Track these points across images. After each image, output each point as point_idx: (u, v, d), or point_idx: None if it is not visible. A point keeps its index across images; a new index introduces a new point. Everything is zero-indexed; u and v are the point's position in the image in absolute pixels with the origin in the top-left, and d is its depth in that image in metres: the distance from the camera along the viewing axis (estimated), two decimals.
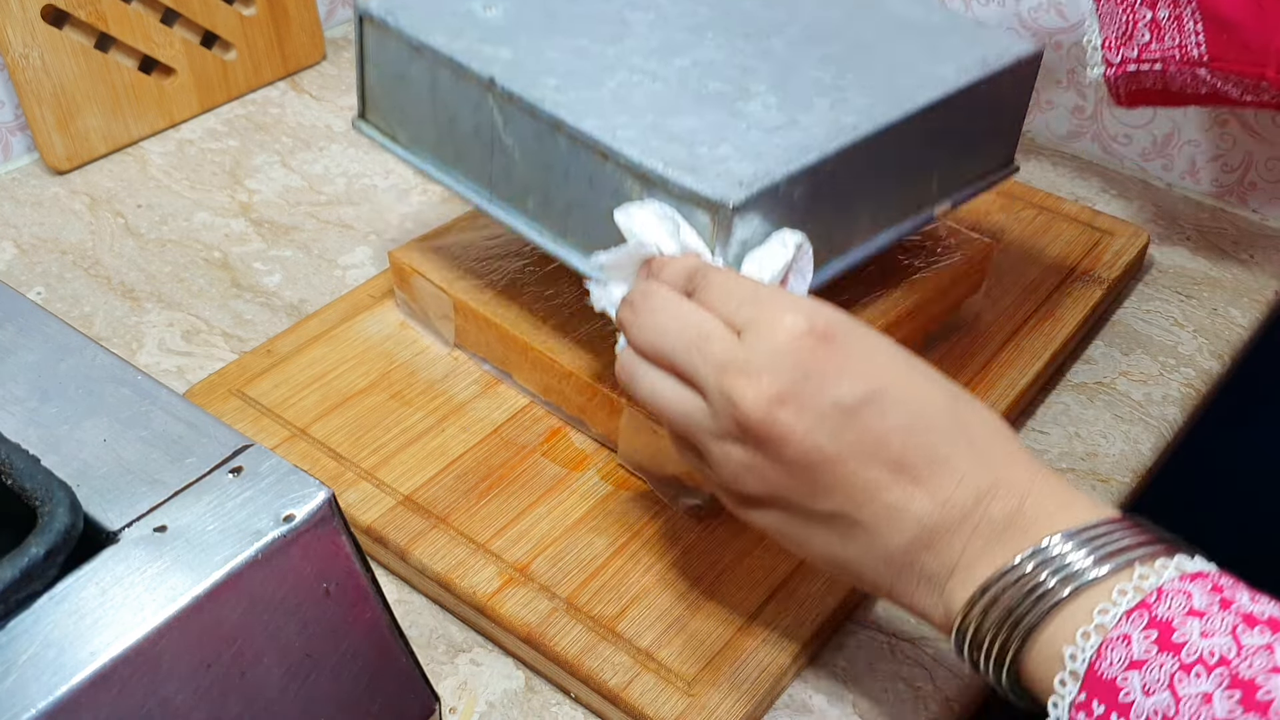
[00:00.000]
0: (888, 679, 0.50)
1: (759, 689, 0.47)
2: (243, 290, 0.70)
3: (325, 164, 0.81)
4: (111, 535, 0.33)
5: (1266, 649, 0.33)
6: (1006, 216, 0.73)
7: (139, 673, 0.30)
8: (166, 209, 0.77)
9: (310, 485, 0.34)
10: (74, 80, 0.78)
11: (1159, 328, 0.68)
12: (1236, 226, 0.77)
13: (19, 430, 0.36)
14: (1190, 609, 0.35)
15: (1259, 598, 0.35)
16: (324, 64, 0.92)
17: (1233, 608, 0.35)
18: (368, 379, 0.61)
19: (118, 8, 0.78)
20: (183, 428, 0.36)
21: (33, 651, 0.30)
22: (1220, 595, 0.35)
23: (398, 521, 0.53)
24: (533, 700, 0.50)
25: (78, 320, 0.68)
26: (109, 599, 0.31)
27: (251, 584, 0.33)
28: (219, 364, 0.65)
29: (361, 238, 0.75)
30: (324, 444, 0.57)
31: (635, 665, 0.48)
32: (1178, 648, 0.34)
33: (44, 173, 0.80)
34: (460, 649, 0.52)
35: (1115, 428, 0.62)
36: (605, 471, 0.56)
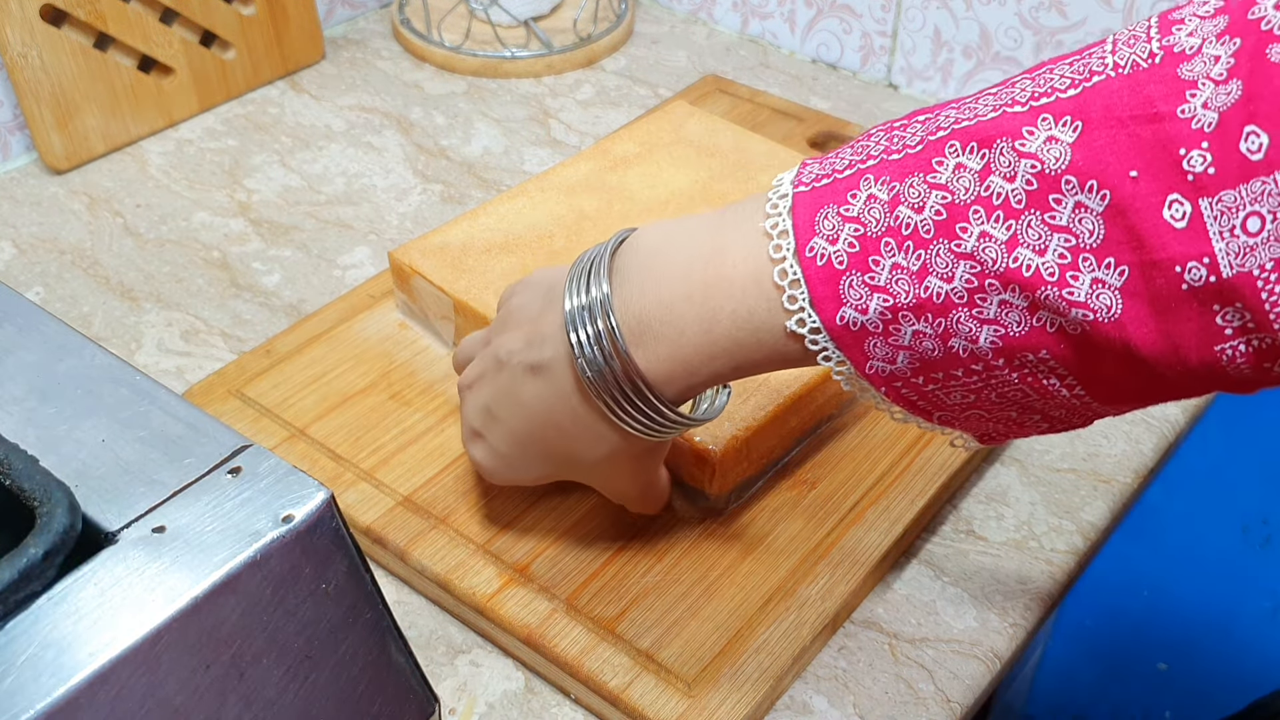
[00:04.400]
0: (888, 679, 0.50)
1: (759, 690, 0.47)
2: (241, 290, 0.70)
3: (324, 164, 0.81)
4: (110, 536, 0.33)
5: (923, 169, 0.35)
6: None
7: (138, 673, 0.30)
8: (165, 209, 0.77)
9: (309, 486, 0.34)
10: (73, 80, 0.77)
11: None
12: None
13: (17, 430, 0.36)
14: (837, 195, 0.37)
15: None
16: (323, 63, 0.92)
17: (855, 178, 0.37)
18: (367, 379, 0.61)
19: (116, 7, 0.78)
20: (181, 428, 0.36)
21: (31, 652, 0.30)
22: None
23: (397, 522, 0.53)
24: (532, 702, 0.50)
25: (76, 320, 0.68)
26: (108, 600, 0.31)
27: (251, 584, 0.32)
28: (218, 364, 0.65)
29: (361, 237, 0.75)
30: (323, 444, 0.57)
31: (635, 666, 0.48)
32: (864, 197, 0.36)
33: (43, 172, 0.80)
34: (460, 650, 0.51)
35: (1116, 428, 0.62)
36: None
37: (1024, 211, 0.33)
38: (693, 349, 0.40)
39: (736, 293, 0.38)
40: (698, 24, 0.98)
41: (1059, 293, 0.33)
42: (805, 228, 0.37)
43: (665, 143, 0.71)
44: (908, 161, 0.35)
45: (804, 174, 0.38)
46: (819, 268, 0.36)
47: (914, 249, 0.35)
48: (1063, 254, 0.33)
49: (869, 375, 0.37)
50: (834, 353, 0.37)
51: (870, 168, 0.36)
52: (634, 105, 0.88)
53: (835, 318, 0.36)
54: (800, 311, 0.37)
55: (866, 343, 0.36)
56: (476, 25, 0.93)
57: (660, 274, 0.40)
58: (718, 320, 0.39)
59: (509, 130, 0.85)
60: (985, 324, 0.34)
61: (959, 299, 0.34)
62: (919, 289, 0.35)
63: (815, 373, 0.55)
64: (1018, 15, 0.81)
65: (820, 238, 0.36)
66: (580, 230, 0.64)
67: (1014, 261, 0.33)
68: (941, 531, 0.57)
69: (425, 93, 0.89)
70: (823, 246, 0.36)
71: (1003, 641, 0.52)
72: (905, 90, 0.90)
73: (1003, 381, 0.36)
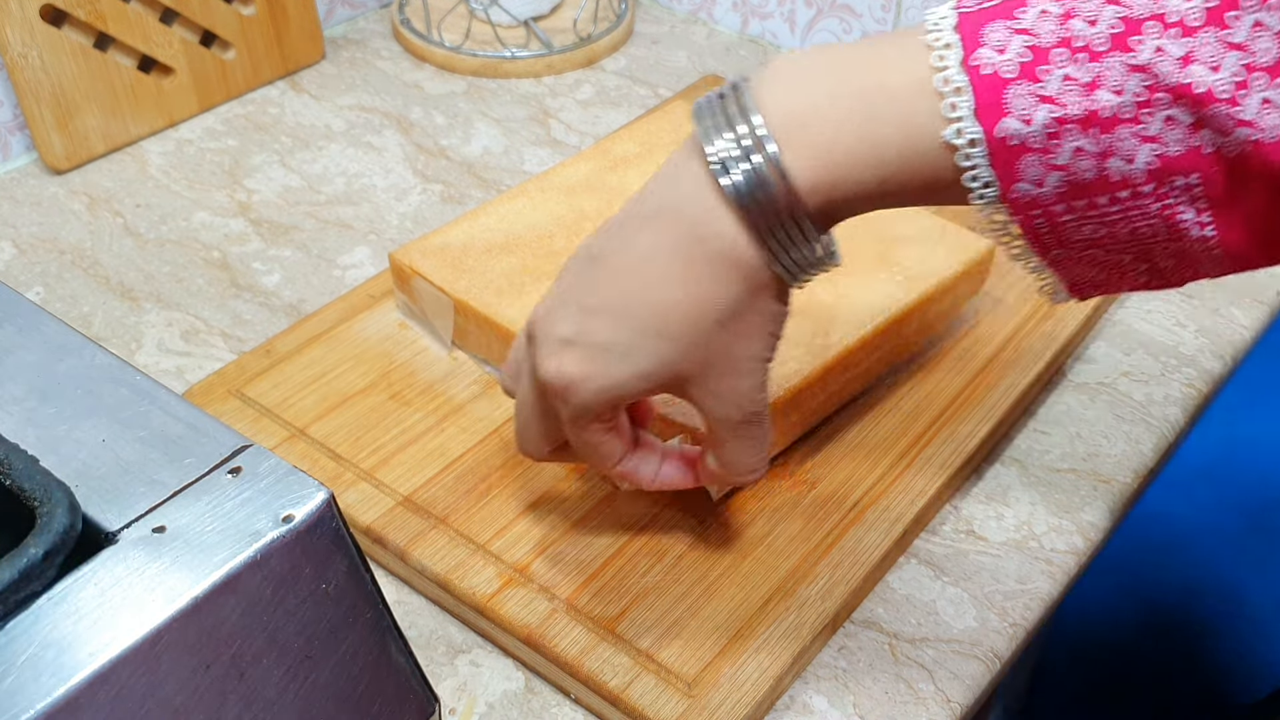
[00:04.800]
0: (888, 679, 0.50)
1: (759, 690, 0.47)
2: (241, 290, 0.70)
3: (324, 164, 0.81)
4: (110, 536, 0.33)
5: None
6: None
7: (138, 673, 0.30)
8: (165, 209, 0.77)
9: (309, 486, 0.34)
10: (73, 80, 0.78)
11: (1161, 328, 0.68)
12: None
13: (17, 430, 0.36)
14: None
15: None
16: (323, 64, 0.92)
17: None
18: (367, 379, 0.61)
19: (117, 7, 0.78)
20: (181, 428, 0.36)
21: (31, 652, 0.30)
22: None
23: (397, 522, 0.53)
24: (532, 701, 0.50)
25: (76, 320, 0.68)
26: (108, 600, 0.31)
27: (251, 584, 0.32)
28: (218, 364, 0.65)
29: (361, 238, 0.75)
30: (323, 444, 0.57)
31: (635, 666, 0.48)
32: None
33: (43, 172, 0.80)
34: (460, 650, 0.51)
35: (1117, 428, 0.62)
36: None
37: (1201, 29, 0.34)
38: (843, 151, 0.38)
39: (896, 98, 0.37)
40: (698, 24, 0.98)
41: (1227, 110, 0.34)
42: (972, 39, 0.36)
43: (665, 143, 0.71)
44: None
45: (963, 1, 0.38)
46: (985, 76, 0.36)
47: (1087, 60, 0.35)
48: (1236, 71, 0.33)
49: (1011, 199, 0.37)
50: (984, 170, 0.37)
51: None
52: (634, 105, 0.88)
53: (996, 128, 0.36)
54: (960, 121, 0.36)
55: (1022, 159, 0.36)
56: (476, 25, 0.93)
57: (813, 75, 0.39)
58: (873, 121, 0.38)
59: (509, 130, 0.85)
60: (1146, 141, 0.35)
61: (1125, 114, 0.35)
62: (1088, 100, 0.35)
63: (814, 368, 0.55)
64: None
65: (988, 48, 0.36)
66: (580, 230, 0.64)
67: (1186, 77, 0.34)
68: (941, 531, 0.57)
69: (425, 93, 0.89)
70: (989, 56, 0.36)
71: (1002, 641, 0.52)
72: None
73: (1142, 213, 0.36)
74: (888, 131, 0.38)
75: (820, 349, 0.56)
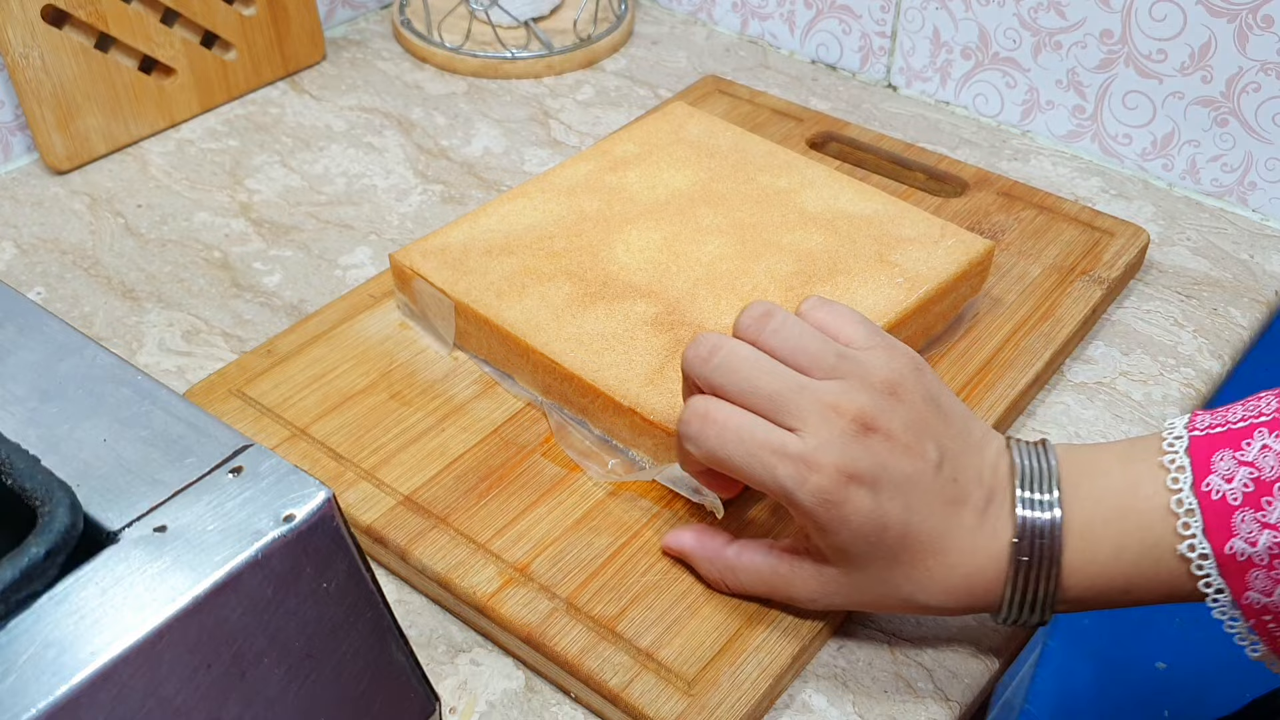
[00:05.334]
0: (888, 679, 0.50)
1: (759, 689, 0.47)
2: (243, 290, 0.70)
3: (325, 164, 0.81)
4: (111, 535, 0.33)
5: None
6: (1006, 216, 0.73)
7: (139, 673, 0.30)
8: (166, 209, 0.77)
9: (310, 485, 0.34)
10: (74, 80, 0.78)
11: (1159, 328, 0.68)
12: (1236, 226, 0.77)
13: (19, 430, 0.36)
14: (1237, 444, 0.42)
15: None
16: (324, 64, 0.92)
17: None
18: (368, 379, 0.61)
19: (118, 8, 0.78)
20: (183, 428, 0.36)
21: (33, 652, 0.30)
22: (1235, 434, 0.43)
23: (398, 521, 0.53)
24: (533, 700, 0.50)
25: (78, 320, 0.68)
26: (109, 599, 0.31)
27: (252, 584, 0.33)
28: (219, 364, 0.65)
29: (361, 238, 0.75)
30: (324, 444, 0.57)
31: (635, 665, 0.48)
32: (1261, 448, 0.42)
33: (44, 173, 0.80)
34: (460, 649, 0.52)
35: (1115, 428, 0.62)
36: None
37: None
38: (1098, 568, 0.44)
39: (1144, 521, 0.43)
40: (697, 25, 0.98)
41: None
42: (1202, 465, 0.42)
43: (665, 143, 0.71)
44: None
45: (1196, 422, 0.44)
46: (1214, 501, 0.42)
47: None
48: None
49: (1244, 605, 0.42)
50: (1216, 579, 0.42)
51: (1264, 423, 0.42)
52: (634, 106, 0.88)
53: (1225, 547, 0.41)
54: (1192, 538, 0.42)
55: (1250, 574, 0.41)
56: (477, 26, 0.93)
57: (1084, 497, 0.44)
58: (1125, 545, 0.44)
59: (509, 131, 0.85)
60: None
61: None
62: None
63: None
64: (1016, 16, 0.81)
65: (1217, 475, 0.42)
66: (580, 231, 0.64)
67: None
68: None
69: (426, 93, 0.89)
70: (1218, 484, 0.42)
71: (1001, 640, 0.52)
72: (904, 91, 0.90)
73: None
74: (1138, 552, 0.43)
75: None
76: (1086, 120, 0.82)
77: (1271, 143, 0.75)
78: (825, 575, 0.47)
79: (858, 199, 0.66)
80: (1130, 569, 0.43)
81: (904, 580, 0.45)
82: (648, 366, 0.56)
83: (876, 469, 0.43)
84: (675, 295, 0.60)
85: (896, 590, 0.45)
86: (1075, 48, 0.80)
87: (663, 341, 0.57)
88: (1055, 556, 0.44)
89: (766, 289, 0.60)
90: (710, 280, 0.61)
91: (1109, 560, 0.44)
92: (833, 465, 0.43)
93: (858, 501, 0.43)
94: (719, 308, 0.59)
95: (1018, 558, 0.44)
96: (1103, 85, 0.80)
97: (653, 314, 0.59)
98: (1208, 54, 0.75)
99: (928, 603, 0.46)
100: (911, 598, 0.45)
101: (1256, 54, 0.73)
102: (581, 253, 0.62)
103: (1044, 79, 0.82)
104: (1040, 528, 0.44)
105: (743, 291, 0.60)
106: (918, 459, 0.44)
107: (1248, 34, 0.73)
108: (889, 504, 0.43)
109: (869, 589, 0.46)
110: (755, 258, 0.62)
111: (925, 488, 0.44)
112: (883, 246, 0.63)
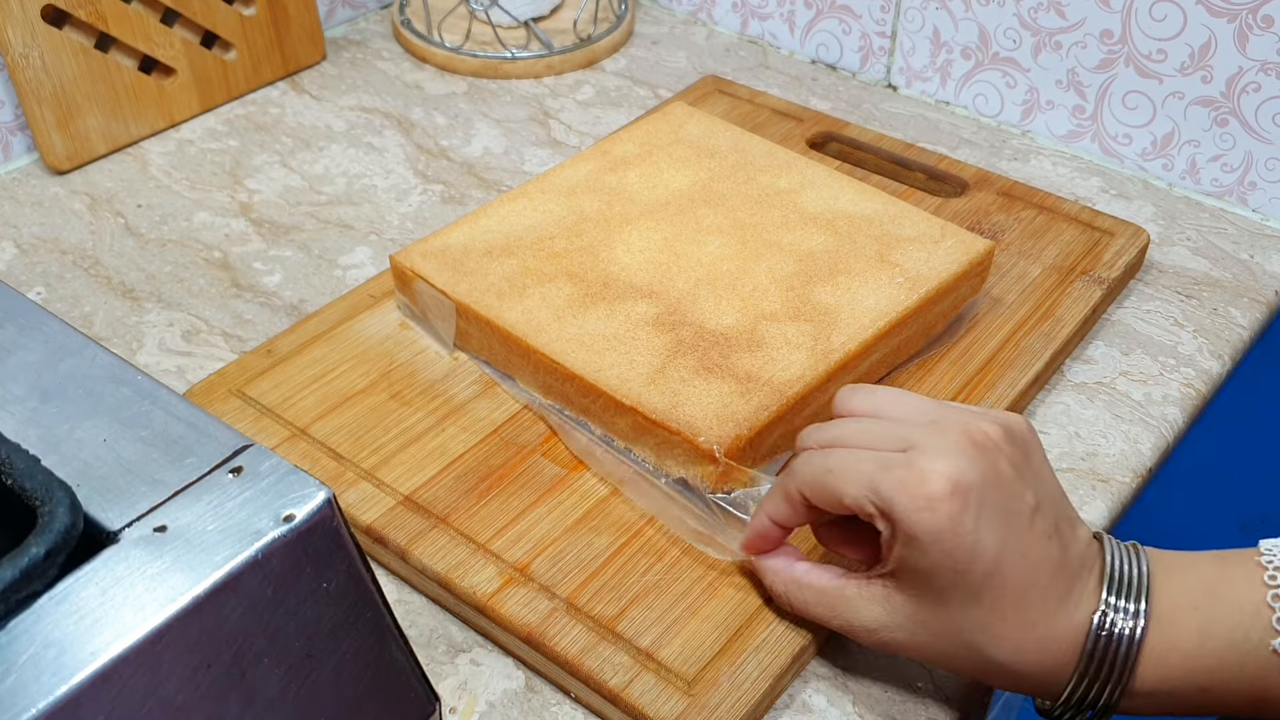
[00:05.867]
0: (888, 679, 0.50)
1: (759, 689, 0.47)
2: (243, 290, 0.70)
3: (325, 164, 0.81)
4: (112, 535, 0.33)
5: None
6: (1006, 216, 0.73)
7: (139, 673, 0.30)
8: (166, 209, 0.77)
9: (310, 485, 0.34)
10: (74, 80, 0.78)
11: (1159, 328, 0.68)
12: (1236, 226, 0.77)
13: (19, 430, 0.36)
14: None
15: None
16: (324, 64, 0.92)
17: None
18: (368, 379, 0.61)
19: (118, 8, 0.78)
20: (183, 428, 0.36)
21: (33, 651, 0.30)
22: None
23: (398, 521, 0.53)
24: (533, 700, 0.50)
25: (78, 320, 0.68)
26: (109, 599, 0.31)
27: (252, 584, 0.33)
28: (219, 364, 0.65)
29: (361, 238, 0.75)
30: (324, 444, 0.57)
31: (635, 665, 0.48)
32: None
33: (44, 173, 0.80)
34: (460, 649, 0.52)
35: (1115, 428, 0.62)
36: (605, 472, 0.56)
37: None
38: (1180, 656, 0.43)
39: (1234, 612, 0.43)
40: (697, 25, 0.98)
41: None
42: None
43: (665, 143, 0.71)
44: None
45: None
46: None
47: None
48: None
49: None
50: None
51: None
52: (634, 106, 0.88)
53: None
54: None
55: None
56: (477, 26, 0.93)
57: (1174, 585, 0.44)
58: (1212, 634, 0.43)
59: (509, 131, 0.85)
60: None
61: None
62: None
63: (817, 373, 0.55)
64: (1016, 16, 0.81)
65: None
66: (581, 231, 0.64)
67: None
68: None
69: (426, 93, 0.89)
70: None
71: None
72: (904, 91, 0.90)
73: None
74: (1225, 643, 0.42)
75: (823, 354, 0.56)
76: (1086, 120, 0.82)
77: (1271, 143, 0.75)
78: (894, 604, 0.45)
79: (858, 199, 0.66)
80: (1214, 662, 0.42)
81: (977, 627, 0.43)
82: (649, 366, 0.56)
83: (984, 488, 0.42)
84: (676, 295, 0.60)
85: (965, 635, 0.43)
86: (1075, 48, 0.80)
87: (664, 341, 0.57)
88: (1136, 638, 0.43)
89: (767, 289, 0.60)
90: (711, 280, 0.61)
91: (1192, 650, 0.42)
92: (942, 470, 0.42)
93: (959, 517, 0.42)
94: (720, 308, 0.59)
95: (1098, 632, 0.43)
96: (1103, 85, 0.80)
97: (654, 314, 0.59)
98: (1208, 54, 0.75)
99: (994, 655, 0.43)
100: (980, 646, 0.43)
101: (1256, 54, 0.73)
102: (582, 253, 0.62)
103: (1044, 79, 0.82)
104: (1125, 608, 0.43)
105: (743, 291, 0.60)
106: (1020, 497, 0.43)
107: (1248, 34, 0.73)
108: (987, 532, 0.42)
109: (936, 627, 0.44)
110: (756, 258, 0.62)
111: (1023, 529, 0.43)
112: (883, 246, 0.63)
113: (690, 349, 0.57)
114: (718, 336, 0.57)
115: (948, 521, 0.41)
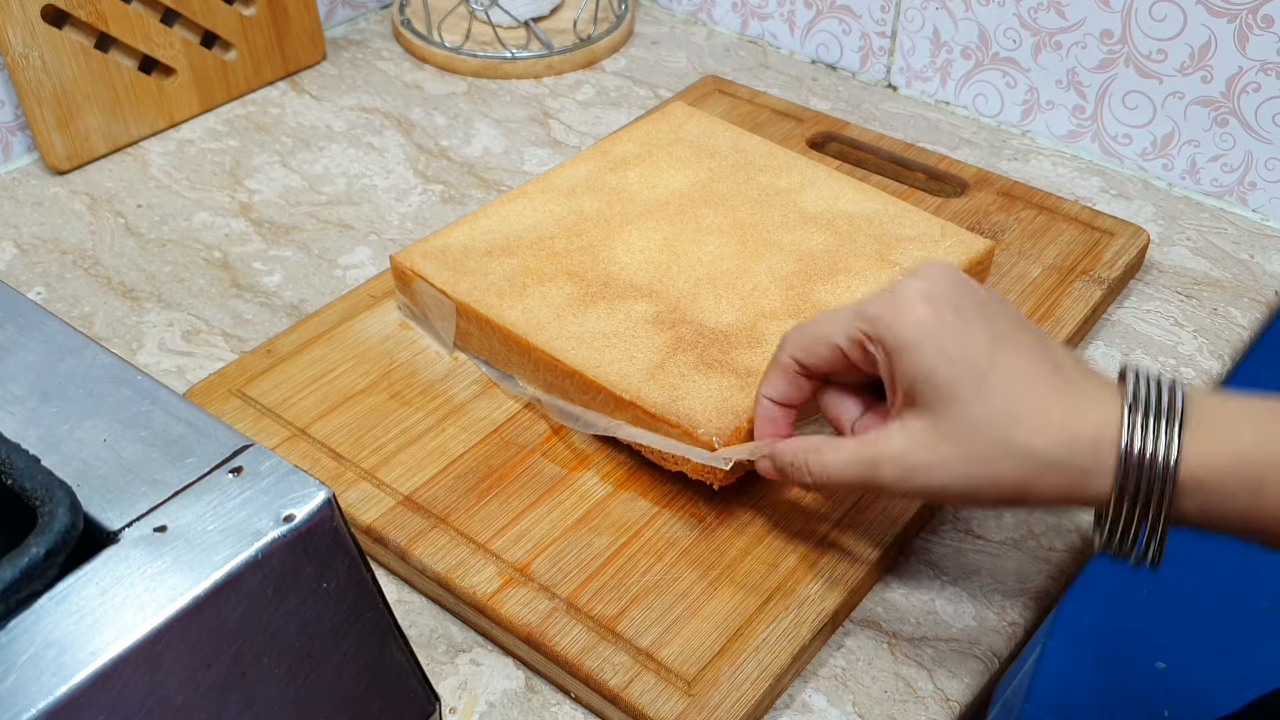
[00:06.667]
0: (888, 679, 0.50)
1: (759, 689, 0.47)
2: (243, 290, 0.70)
3: (325, 164, 0.81)
4: (112, 535, 0.33)
5: None
6: (1006, 216, 0.73)
7: (139, 673, 0.30)
8: (166, 209, 0.77)
9: (310, 485, 0.34)
10: (74, 80, 0.78)
11: (1159, 328, 0.68)
12: (1236, 226, 0.77)
13: (19, 430, 0.36)
14: None
15: None
16: (324, 64, 0.92)
17: None
18: (368, 379, 0.61)
19: (118, 8, 0.78)
20: (183, 428, 0.36)
21: (33, 651, 0.30)
22: None
23: (398, 521, 0.53)
24: (533, 700, 0.50)
25: (78, 320, 0.68)
26: (109, 599, 0.31)
27: (252, 584, 0.33)
28: (219, 364, 0.65)
29: (361, 238, 0.75)
30: (324, 444, 0.57)
31: (635, 665, 0.48)
32: None
33: (44, 173, 0.80)
34: (460, 649, 0.52)
35: None
36: (605, 471, 0.56)
37: None
38: (1233, 446, 0.41)
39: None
40: (697, 25, 0.98)
41: None
42: None
43: (665, 143, 0.71)
44: None
45: None
46: None
47: None
48: None
49: None
50: None
51: None
52: (634, 106, 0.88)
53: None
54: None
55: None
56: (477, 26, 0.93)
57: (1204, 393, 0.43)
58: (1260, 426, 0.41)
59: (509, 131, 0.85)
60: None
61: None
62: None
63: None
64: (1016, 16, 0.81)
65: None
66: (580, 231, 0.64)
67: None
68: (941, 530, 0.57)
69: (426, 93, 0.89)
70: None
71: (1001, 640, 0.52)
72: (904, 91, 0.90)
73: None
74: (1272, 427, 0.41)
75: None
76: (1086, 120, 0.82)
77: (1271, 143, 0.75)
78: (913, 428, 0.44)
79: (858, 199, 0.67)
80: (1269, 450, 0.40)
81: (995, 416, 0.43)
82: (649, 362, 0.56)
83: (960, 295, 0.45)
84: (676, 295, 0.60)
85: (985, 429, 0.43)
86: (1075, 48, 0.80)
87: (664, 339, 0.57)
88: (1176, 407, 0.41)
89: (767, 288, 0.60)
90: (711, 280, 0.61)
91: (1251, 443, 0.41)
92: (919, 286, 0.45)
93: (941, 312, 0.44)
94: (719, 307, 0.59)
95: (1131, 406, 0.42)
96: (1103, 85, 0.80)
97: (654, 313, 0.59)
98: (1208, 54, 0.75)
99: (1020, 440, 0.42)
100: (1003, 438, 0.42)
101: (1256, 54, 0.73)
102: (582, 253, 0.62)
103: (1044, 79, 0.82)
104: (1159, 380, 0.42)
105: (743, 290, 0.60)
106: (1003, 305, 0.45)
107: (1248, 34, 0.73)
108: (974, 321, 0.44)
109: (956, 430, 0.43)
110: (756, 257, 0.62)
111: (1012, 322, 0.45)
112: (883, 246, 0.63)
113: (690, 346, 0.57)
114: (717, 334, 0.57)
115: (931, 316, 0.44)
